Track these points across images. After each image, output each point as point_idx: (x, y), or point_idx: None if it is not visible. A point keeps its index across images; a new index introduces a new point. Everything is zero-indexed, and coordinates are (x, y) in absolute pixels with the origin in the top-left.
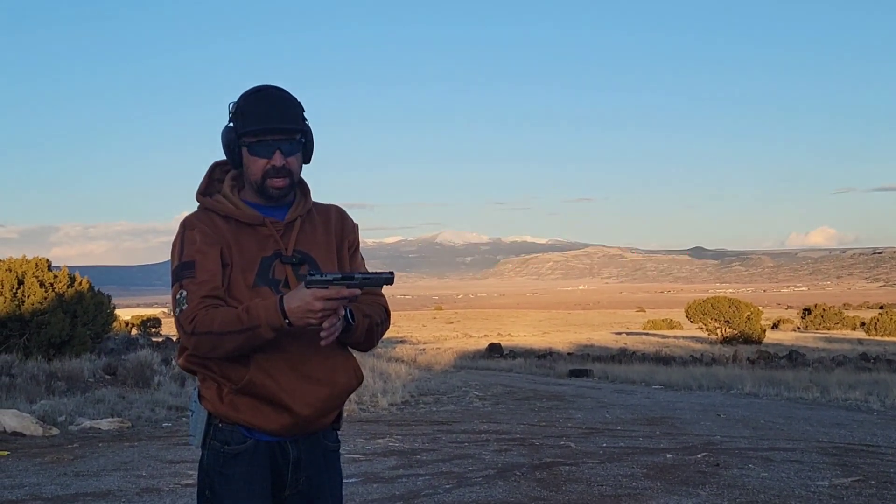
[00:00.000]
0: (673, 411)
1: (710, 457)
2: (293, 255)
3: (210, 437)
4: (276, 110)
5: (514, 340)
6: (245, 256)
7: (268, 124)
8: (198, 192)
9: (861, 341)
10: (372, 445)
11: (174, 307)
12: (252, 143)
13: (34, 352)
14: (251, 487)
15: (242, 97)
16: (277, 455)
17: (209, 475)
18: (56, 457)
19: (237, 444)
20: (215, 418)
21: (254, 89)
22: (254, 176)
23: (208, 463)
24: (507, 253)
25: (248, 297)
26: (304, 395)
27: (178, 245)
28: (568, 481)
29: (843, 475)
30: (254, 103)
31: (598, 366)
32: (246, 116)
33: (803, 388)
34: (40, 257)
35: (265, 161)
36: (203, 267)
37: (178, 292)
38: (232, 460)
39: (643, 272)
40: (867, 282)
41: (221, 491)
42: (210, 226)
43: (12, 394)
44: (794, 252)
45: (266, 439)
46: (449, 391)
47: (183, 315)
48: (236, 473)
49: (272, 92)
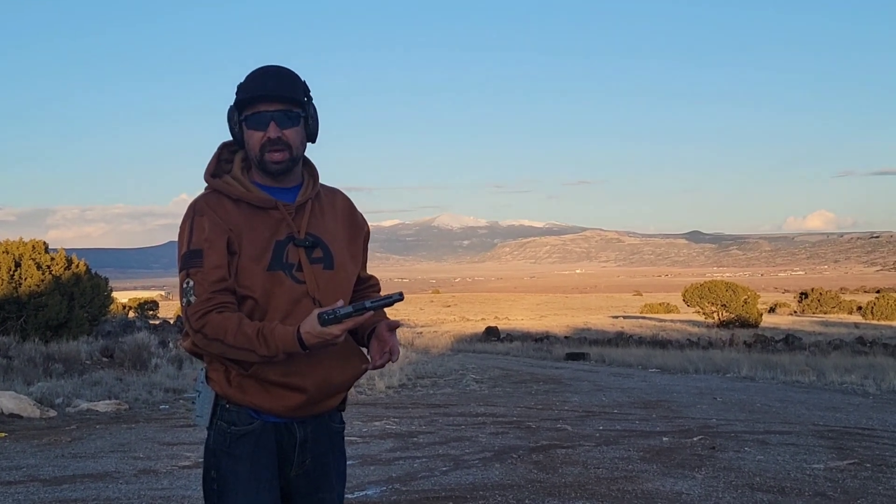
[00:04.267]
0: (669, 394)
1: (706, 440)
2: (306, 238)
3: (217, 418)
4: (271, 80)
5: (511, 324)
6: (258, 240)
7: (260, 92)
8: (207, 174)
9: (857, 325)
10: (369, 428)
11: (181, 296)
12: (248, 115)
13: (31, 334)
14: (258, 467)
15: (248, 75)
16: (284, 435)
17: (216, 455)
18: (53, 438)
19: (244, 424)
20: (222, 399)
21: (262, 67)
22: (252, 150)
23: (214, 443)
24: (504, 236)
25: (261, 282)
26: (315, 376)
27: (187, 231)
28: (564, 464)
29: (839, 458)
30: (251, 77)
31: (595, 349)
32: (243, 90)
33: (799, 371)
34: (37, 240)
35: (261, 133)
36: (211, 257)
37: (185, 281)
38: (239, 440)
39: (640, 256)
40: (864, 266)
41: (228, 471)
42: (221, 211)
43: (10, 376)
44: (792, 236)
45: (273, 420)
46: (446, 374)
47: (191, 309)
48: (243, 453)
49: (271, 67)
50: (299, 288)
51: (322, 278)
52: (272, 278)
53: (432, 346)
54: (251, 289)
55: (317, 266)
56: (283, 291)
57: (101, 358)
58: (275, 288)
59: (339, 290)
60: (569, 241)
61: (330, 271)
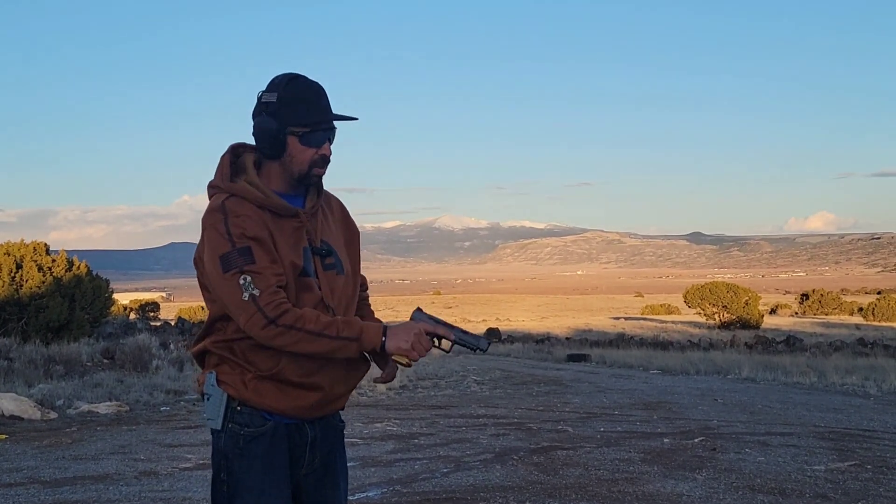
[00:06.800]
0: (670, 396)
1: (707, 441)
2: (321, 245)
3: (228, 421)
4: (327, 101)
5: (512, 325)
6: (287, 247)
7: (327, 115)
8: (223, 178)
9: (858, 326)
10: (370, 429)
11: (239, 293)
12: (305, 133)
13: (32, 335)
14: (272, 468)
15: (286, 86)
16: (295, 436)
17: (227, 458)
18: (54, 440)
19: (257, 426)
20: (234, 401)
21: (294, 77)
22: (299, 165)
23: (226, 446)
24: (505, 238)
25: (294, 288)
26: (330, 376)
27: (224, 231)
28: (565, 465)
29: (840, 460)
30: (307, 93)
31: (596, 350)
32: (299, 106)
33: (800, 372)
34: (38, 241)
35: (314, 150)
36: (262, 256)
37: (242, 277)
38: (252, 442)
39: (642, 257)
40: (865, 267)
41: (240, 473)
42: (253, 215)
43: (10, 378)
44: (793, 237)
45: (286, 421)
46: (447, 375)
47: (262, 299)
48: (257, 455)
49: (316, 83)
50: (319, 294)
51: (335, 285)
52: (303, 285)
53: None
54: (286, 293)
55: (330, 273)
56: (311, 298)
57: (101, 360)
58: (303, 294)
59: (349, 295)
60: (570, 243)
61: (342, 277)
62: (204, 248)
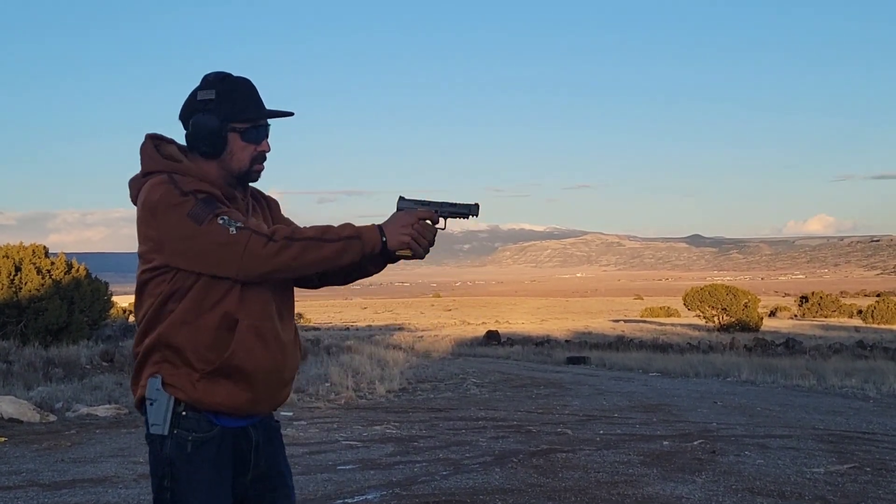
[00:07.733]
0: (670, 398)
1: (706, 444)
2: None
3: (174, 427)
4: (257, 95)
5: (511, 328)
6: None
7: (264, 110)
8: (159, 159)
9: (858, 329)
10: (369, 432)
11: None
12: (245, 129)
13: (31, 338)
14: (219, 474)
15: (222, 82)
16: (241, 441)
17: (173, 464)
18: (53, 443)
19: (204, 431)
20: (180, 405)
21: (227, 74)
22: (240, 162)
23: (172, 452)
24: (505, 240)
25: None
26: (276, 357)
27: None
28: (565, 468)
29: (839, 462)
30: (245, 89)
31: (596, 353)
32: (238, 103)
33: (800, 375)
34: (37, 244)
35: (254, 147)
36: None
37: (219, 219)
38: (200, 448)
39: (641, 260)
40: (864, 270)
41: (185, 479)
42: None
43: (9, 380)
44: (792, 240)
45: (232, 426)
46: (446, 378)
47: (250, 225)
48: (206, 458)
49: (249, 81)
50: None
51: None
52: None
53: (433, 350)
54: None
55: None
56: None
57: (101, 362)
58: None
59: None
60: (569, 245)
61: None
62: (156, 233)
